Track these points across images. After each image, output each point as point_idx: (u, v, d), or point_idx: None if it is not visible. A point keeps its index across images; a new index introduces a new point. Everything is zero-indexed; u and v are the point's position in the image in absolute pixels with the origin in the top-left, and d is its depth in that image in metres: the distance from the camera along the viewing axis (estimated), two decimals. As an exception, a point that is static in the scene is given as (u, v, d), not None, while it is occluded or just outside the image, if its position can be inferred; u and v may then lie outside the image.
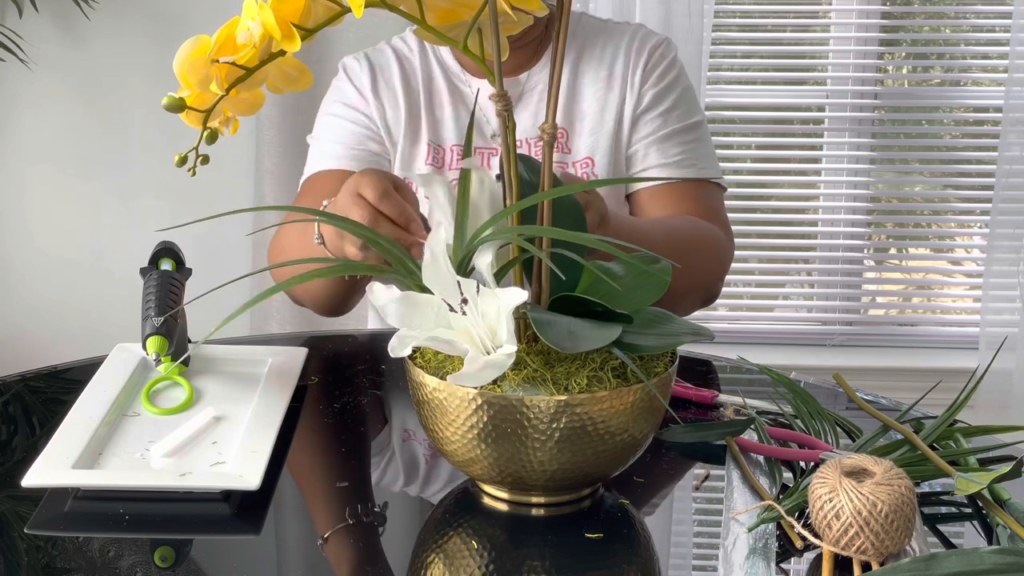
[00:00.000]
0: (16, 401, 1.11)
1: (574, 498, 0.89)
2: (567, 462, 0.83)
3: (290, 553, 0.85)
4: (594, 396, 0.81)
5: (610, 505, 0.90)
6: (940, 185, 2.61)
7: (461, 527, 0.87)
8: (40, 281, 2.39)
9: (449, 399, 0.83)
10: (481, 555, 0.83)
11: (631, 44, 1.44)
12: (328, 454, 1.02)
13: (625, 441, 0.85)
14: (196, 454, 0.94)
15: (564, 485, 0.87)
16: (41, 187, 2.35)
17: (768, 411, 1.07)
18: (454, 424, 0.84)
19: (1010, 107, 2.36)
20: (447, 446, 0.86)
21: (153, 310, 1.02)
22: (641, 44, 1.44)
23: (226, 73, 0.86)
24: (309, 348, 1.15)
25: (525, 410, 0.81)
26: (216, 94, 0.88)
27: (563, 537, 0.85)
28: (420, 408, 0.87)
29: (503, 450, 0.83)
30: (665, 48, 1.45)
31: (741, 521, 0.87)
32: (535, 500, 0.89)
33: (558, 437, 0.82)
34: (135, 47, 2.28)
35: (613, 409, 0.82)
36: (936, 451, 0.96)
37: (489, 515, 0.89)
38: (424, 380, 0.85)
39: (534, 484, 0.86)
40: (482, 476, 0.88)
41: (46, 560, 0.83)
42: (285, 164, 2.22)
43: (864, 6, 2.47)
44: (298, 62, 0.88)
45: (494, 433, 0.82)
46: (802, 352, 2.55)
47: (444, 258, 0.82)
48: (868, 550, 0.79)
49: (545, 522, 0.88)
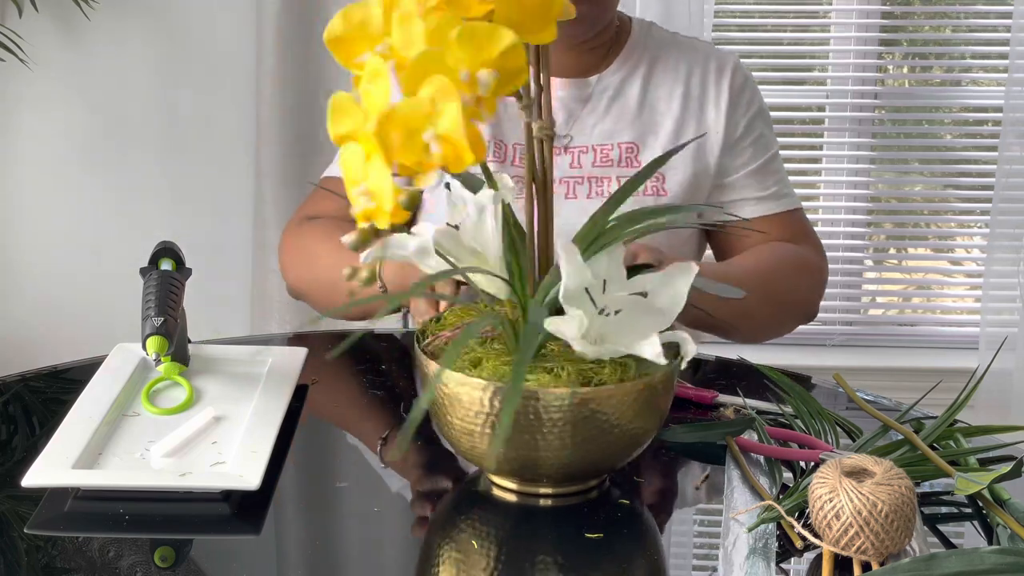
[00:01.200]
0: (16, 401, 1.11)
1: (581, 489, 0.90)
2: (577, 453, 0.84)
3: (290, 553, 0.85)
4: (605, 388, 0.83)
5: (615, 500, 0.91)
6: (940, 185, 2.61)
7: (470, 518, 0.88)
8: (40, 281, 2.39)
9: (462, 390, 0.83)
10: (490, 545, 0.84)
11: (707, 63, 1.43)
12: (328, 454, 1.02)
13: (633, 432, 0.86)
14: (196, 454, 0.94)
15: (573, 475, 0.88)
16: (41, 187, 2.35)
17: (768, 411, 1.07)
18: (467, 416, 0.84)
19: (1010, 107, 2.36)
20: (458, 437, 0.87)
21: (153, 310, 1.02)
22: (720, 65, 1.43)
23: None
24: (309, 348, 1.15)
25: (537, 401, 0.82)
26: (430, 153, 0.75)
27: (570, 529, 0.86)
28: (432, 401, 0.87)
29: (514, 440, 0.84)
30: (746, 72, 1.45)
31: (741, 521, 0.87)
32: (543, 491, 0.90)
33: (570, 429, 0.83)
34: (135, 47, 2.28)
35: (623, 401, 0.83)
36: (936, 451, 0.96)
37: (498, 506, 0.90)
38: (434, 371, 0.85)
39: (544, 474, 0.87)
40: (492, 467, 0.89)
41: (46, 560, 0.83)
42: (285, 164, 2.22)
43: (864, 6, 2.46)
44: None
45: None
46: (802, 352, 2.55)
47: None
48: (868, 550, 0.79)
49: (553, 513, 0.89)
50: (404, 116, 0.72)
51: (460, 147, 0.72)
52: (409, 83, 0.73)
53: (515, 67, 0.74)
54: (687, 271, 0.86)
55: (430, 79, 0.72)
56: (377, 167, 0.73)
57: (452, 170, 0.74)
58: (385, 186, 0.72)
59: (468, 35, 0.72)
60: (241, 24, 2.23)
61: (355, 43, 0.77)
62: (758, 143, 1.44)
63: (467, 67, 0.73)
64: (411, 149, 0.73)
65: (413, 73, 0.73)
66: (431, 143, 0.72)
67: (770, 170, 1.45)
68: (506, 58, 0.73)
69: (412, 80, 0.73)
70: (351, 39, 0.77)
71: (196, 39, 2.27)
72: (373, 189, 0.73)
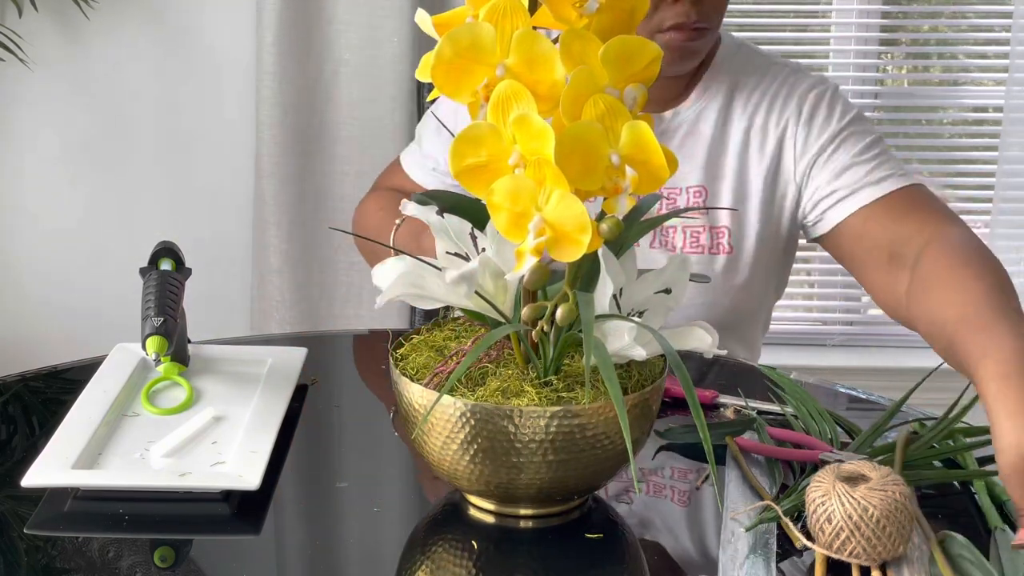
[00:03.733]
0: (16, 401, 1.11)
1: (563, 509, 0.88)
2: (556, 473, 0.81)
3: (290, 553, 0.85)
4: (583, 406, 0.79)
5: (600, 515, 0.89)
6: (940, 185, 2.61)
7: (446, 540, 0.85)
8: (40, 281, 2.39)
9: (435, 409, 0.80)
10: (467, 569, 0.81)
11: (779, 90, 1.29)
12: (328, 454, 1.02)
13: (616, 451, 0.82)
14: (196, 454, 0.94)
15: (553, 497, 0.85)
16: (41, 187, 2.35)
17: (768, 411, 1.07)
18: (440, 436, 0.81)
19: (1010, 107, 2.36)
20: (433, 457, 0.84)
21: (153, 310, 1.01)
22: (790, 91, 1.29)
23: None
24: (309, 348, 1.15)
25: (511, 420, 0.78)
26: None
27: (553, 549, 0.84)
28: (406, 419, 0.85)
29: (490, 462, 0.80)
30: (821, 88, 1.29)
31: (741, 521, 0.87)
32: (523, 512, 0.87)
33: (547, 448, 0.79)
34: (135, 47, 2.28)
35: (604, 418, 0.80)
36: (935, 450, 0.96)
37: (475, 527, 0.87)
38: (409, 389, 0.83)
39: (522, 496, 0.84)
40: (468, 488, 0.86)
41: (46, 560, 0.83)
42: (285, 164, 2.22)
43: (864, 6, 2.47)
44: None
45: (481, 444, 0.80)
46: (802, 352, 2.55)
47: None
48: (861, 554, 0.78)
49: (533, 534, 0.86)
50: (582, 141, 0.68)
51: (654, 165, 0.68)
52: (569, 106, 0.69)
53: (652, 79, 0.71)
54: (684, 263, 0.86)
55: (592, 99, 0.68)
56: (563, 197, 0.68)
57: (643, 191, 0.69)
58: (581, 216, 0.67)
59: (617, 50, 0.69)
60: (241, 24, 2.23)
61: (467, 69, 0.72)
62: (849, 140, 1.27)
63: (613, 83, 0.70)
64: (594, 174, 0.69)
65: (573, 96, 0.69)
66: (624, 166, 0.68)
67: (866, 159, 1.25)
68: (648, 70, 0.70)
69: (573, 103, 0.69)
70: (462, 65, 0.72)
71: (196, 39, 2.27)
72: (556, 220, 0.68)
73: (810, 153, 1.28)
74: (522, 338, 0.83)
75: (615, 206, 0.70)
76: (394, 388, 0.85)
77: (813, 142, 1.27)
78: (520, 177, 0.70)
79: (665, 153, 0.70)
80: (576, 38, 0.70)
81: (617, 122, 0.69)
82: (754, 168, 1.29)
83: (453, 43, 0.72)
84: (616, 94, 0.70)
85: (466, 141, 0.72)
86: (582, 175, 0.68)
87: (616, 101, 0.69)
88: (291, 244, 2.25)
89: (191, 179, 2.34)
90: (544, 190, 0.69)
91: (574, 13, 0.72)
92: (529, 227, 0.70)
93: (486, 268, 0.81)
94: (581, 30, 0.71)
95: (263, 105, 2.19)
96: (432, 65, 0.72)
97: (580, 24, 0.72)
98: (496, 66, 0.71)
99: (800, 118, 1.28)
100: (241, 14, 2.23)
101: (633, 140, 0.69)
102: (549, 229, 0.69)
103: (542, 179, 0.69)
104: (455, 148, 0.72)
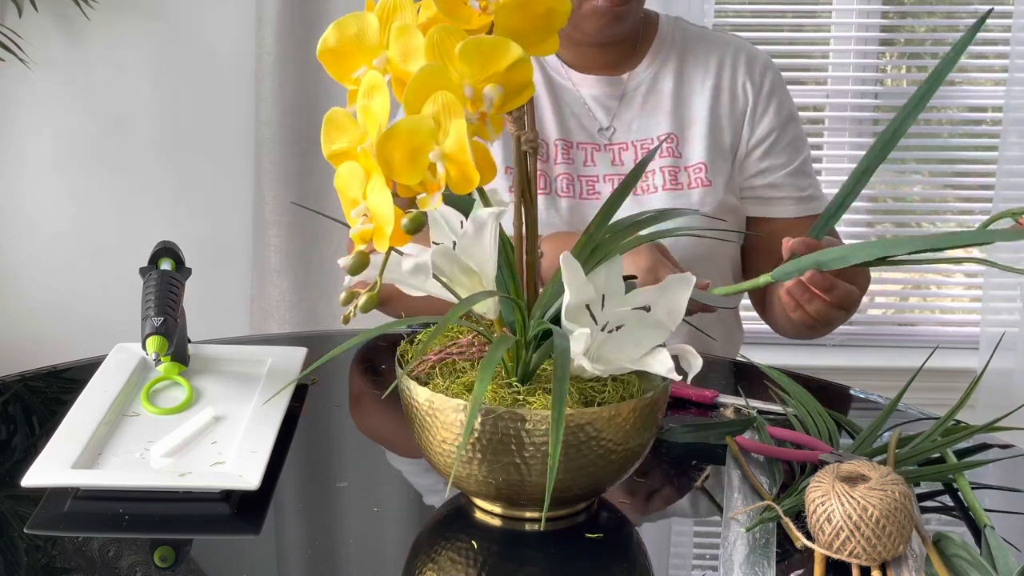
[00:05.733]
0: (16, 401, 1.11)
1: (570, 512, 0.88)
2: (563, 477, 0.80)
3: (290, 553, 0.85)
4: (591, 410, 0.79)
5: (606, 517, 0.89)
6: (939, 185, 2.61)
7: (452, 544, 0.85)
8: (40, 281, 2.39)
9: (442, 411, 0.80)
10: (475, 572, 0.81)
11: (737, 58, 1.43)
12: (328, 454, 1.02)
13: (623, 454, 0.83)
14: (196, 454, 0.94)
15: (560, 500, 0.85)
16: (41, 187, 2.35)
17: (768, 411, 1.07)
18: (447, 439, 0.81)
19: (1010, 107, 2.36)
20: (439, 461, 0.84)
21: (153, 310, 1.02)
22: (750, 61, 1.43)
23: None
24: (309, 348, 1.15)
25: (520, 424, 0.78)
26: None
27: (559, 551, 0.84)
28: (411, 422, 0.85)
29: (497, 465, 0.80)
30: (775, 70, 1.45)
31: (741, 521, 0.87)
32: (529, 515, 0.86)
33: (570, 452, 0.79)
34: (135, 47, 2.28)
35: (611, 422, 0.80)
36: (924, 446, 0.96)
37: (482, 530, 0.86)
38: (416, 391, 0.82)
39: (529, 500, 0.83)
40: (475, 491, 0.86)
41: (46, 560, 0.83)
42: (285, 164, 2.22)
43: (864, 6, 2.46)
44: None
45: (488, 448, 0.80)
46: (802, 352, 2.55)
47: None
48: (860, 554, 0.79)
49: (540, 537, 0.86)
50: (407, 134, 0.69)
51: (467, 167, 0.69)
52: (411, 99, 0.70)
53: (521, 81, 0.70)
54: (685, 282, 0.85)
55: (434, 95, 0.69)
56: (377, 188, 0.70)
57: (458, 192, 0.70)
58: (386, 208, 0.69)
59: (473, 49, 0.69)
60: (241, 24, 2.23)
61: (350, 56, 0.74)
62: (794, 144, 1.44)
63: (471, 82, 0.70)
64: (414, 169, 0.69)
65: (415, 88, 0.69)
66: (436, 163, 0.69)
67: (805, 171, 1.45)
68: (513, 72, 0.70)
69: (415, 96, 0.70)
70: (346, 52, 0.74)
71: (196, 39, 2.27)
72: (373, 210, 0.70)
73: (758, 134, 1.42)
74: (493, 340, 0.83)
75: (428, 202, 0.71)
76: (399, 388, 0.86)
77: (768, 123, 1.42)
78: (353, 166, 0.72)
79: (484, 159, 0.70)
80: (448, 35, 0.70)
81: (450, 121, 0.69)
82: (726, 119, 1.42)
83: (339, 31, 0.75)
84: (472, 93, 0.70)
85: (332, 126, 0.74)
86: (403, 167, 0.69)
87: (454, 100, 0.69)
88: (291, 244, 2.25)
89: (191, 179, 2.34)
90: (372, 180, 0.70)
91: (472, 12, 0.71)
92: (352, 214, 0.71)
93: (449, 259, 0.82)
94: (449, 26, 0.70)
95: (263, 105, 2.19)
96: (319, 50, 0.75)
97: (478, 23, 0.71)
98: (376, 56, 0.73)
99: (762, 91, 1.43)
100: (241, 14, 2.22)
101: (453, 141, 0.69)
102: (370, 219, 0.70)
103: (370, 168, 0.70)
104: (325, 132, 0.74)
